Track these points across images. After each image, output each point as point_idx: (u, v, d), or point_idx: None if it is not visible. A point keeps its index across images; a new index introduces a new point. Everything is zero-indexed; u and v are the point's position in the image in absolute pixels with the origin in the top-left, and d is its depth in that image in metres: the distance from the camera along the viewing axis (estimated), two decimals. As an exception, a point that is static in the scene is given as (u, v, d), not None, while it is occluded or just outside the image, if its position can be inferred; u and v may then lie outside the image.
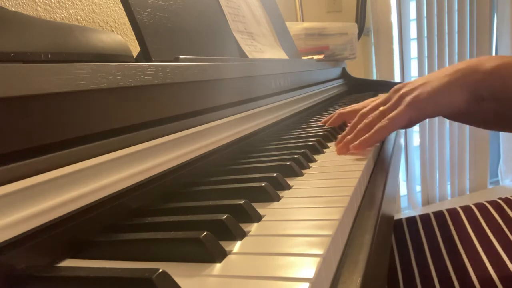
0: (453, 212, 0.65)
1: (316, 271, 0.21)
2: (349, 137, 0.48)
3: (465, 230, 0.59)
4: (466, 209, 0.64)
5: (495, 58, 0.42)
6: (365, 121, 0.46)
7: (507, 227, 0.57)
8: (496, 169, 2.34)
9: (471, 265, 0.53)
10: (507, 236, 0.55)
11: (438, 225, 0.63)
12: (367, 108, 0.50)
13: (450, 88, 0.42)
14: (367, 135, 0.43)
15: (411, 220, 0.66)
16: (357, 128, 0.47)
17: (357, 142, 0.43)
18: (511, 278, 0.49)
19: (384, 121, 0.43)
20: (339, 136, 0.51)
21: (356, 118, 0.50)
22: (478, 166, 2.22)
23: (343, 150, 0.47)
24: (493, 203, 0.64)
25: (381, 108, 0.46)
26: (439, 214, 0.65)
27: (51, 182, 0.25)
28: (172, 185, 0.38)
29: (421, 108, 0.42)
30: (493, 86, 0.41)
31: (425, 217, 0.66)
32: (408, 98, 0.43)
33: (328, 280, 0.23)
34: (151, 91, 0.37)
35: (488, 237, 0.56)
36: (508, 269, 0.50)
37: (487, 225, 0.59)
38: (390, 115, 0.43)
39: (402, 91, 0.45)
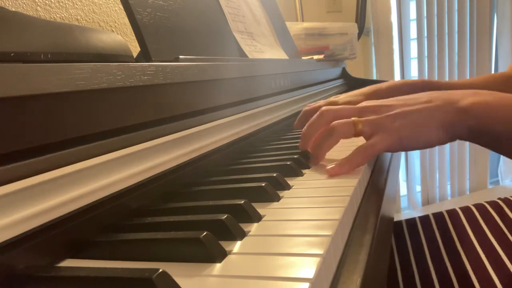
0: (452, 213, 0.65)
1: (316, 271, 0.21)
2: (315, 147, 0.46)
3: (464, 231, 0.59)
4: (466, 210, 0.64)
5: (470, 95, 0.42)
6: (332, 125, 0.44)
7: (506, 227, 0.57)
8: (496, 169, 2.35)
9: (471, 266, 0.53)
10: (507, 236, 0.55)
11: (438, 227, 0.63)
12: (332, 108, 0.47)
13: (429, 126, 0.41)
14: (347, 158, 0.41)
15: (410, 222, 0.66)
16: (323, 137, 0.45)
17: (334, 166, 0.41)
18: (511, 278, 0.49)
19: (367, 146, 0.41)
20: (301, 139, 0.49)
21: (317, 115, 0.47)
22: (478, 166, 2.22)
23: (303, 145, 0.48)
24: (493, 204, 0.64)
25: (354, 118, 0.44)
26: (438, 216, 0.65)
27: (51, 182, 0.25)
28: (172, 185, 0.38)
29: (401, 140, 0.41)
30: (469, 125, 0.41)
31: (424, 219, 0.66)
32: (390, 127, 0.42)
33: (328, 280, 0.23)
34: (151, 91, 0.37)
35: (488, 238, 0.56)
36: (508, 269, 0.50)
37: (487, 226, 0.59)
38: (373, 141, 0.41)
39: (380, 114, 0.43)
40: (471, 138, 0.42)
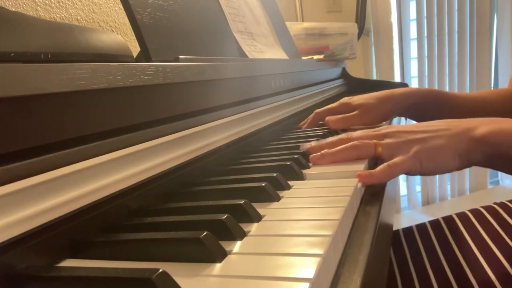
0: (448, 219, 0.65)
1: (316, 271, 0.21)
2: (329, 150, 0.46)
3: (462, 237, 0.59)
4: (462, 216, 0.64)
5: (488, 123, 0.43)
6: (355, 143, 0.45)
7: (503, 231, 0.57)
8: (496, 169, 2.34)
9: (471, 271, 0.53)
10: (505, 240, 0.55)
11: (435, 234, 0.63)
12: (355, 134, 0.48)
13: (446, 153, 0.43)
14: (374, 172, 0.41)
15: (407, 231, 0.67)
16: (342, 147, 0.45)
17: (368, 173, 0.41)
18: (511, 281, 0.49)
19: (393, 163, 0.42)
20: (313, 143, 0.49)
21: (336, 138, 0.48)
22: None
23: (319, 161, 0.46)
24: (488, 208, 0.64)
25: (375, 141, 0.45)
26: (435, 223, 0.65)
27: (51, 182, 0.25)
28: (172, 185, 0.38)
29: (421, 163, 0.43)
30: (485, 153, 0.42)
31: (421, 227, 0.66)
32: (411, 151, 0.43)
33: (328, 280, 0.23)
34: (151, 91, 0.37)
35: (486, 242, 0.56)
36: (508, 272, 0.50)
37: (484, 231, 0.59)
38: (399, 159, 0.42)
39: (400, 139, 0.44)
40: (487, 164, 0.44)
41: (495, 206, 0.64)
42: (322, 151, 0.46)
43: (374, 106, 0.67)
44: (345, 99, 0.70)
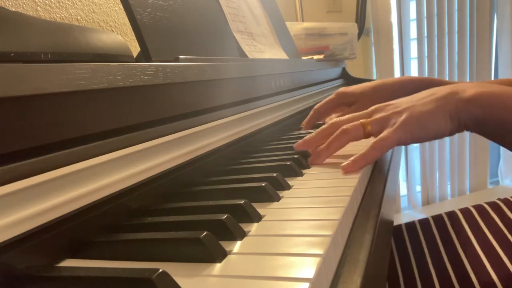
0: (452, 215, 0.65)
1: (316, 271, 0.21)
2: (322, 146, 0.46)
3: (464, 233, 0.59)
4: (465, 212, 0.64)
5: (475, 86, 0.43)
6: (343, 128, 0.45)
7: (506, 228, 0.57)
8: (496, 169, 2.34)
9: (472, 268, 0.53)
10: (507, 237, 0.55)
11: (438, 229, 0.62)
12: (342, 118, 0.48)
13: (435, 116, 0.42)
14: (362, 154, 0.41)
15: (410, 225, 0.66)
16: (332, 137, 0.45)
17: (349, 162, 0.41)
18: (511, 279, 0.49)
19: (378, 141, 0.42)
20: (305, 138, 0.49)
21: (327, 125, 0.48)
22: (478, 166, 2.22)
23: (316, 160, 0.46)
24: (492, 205, 0.64)
25: (362, 120, 0.45)
26: (438, 218, 0.65)
27: (51, 182, 0.25)
28: (172, 185, 0.38)
29: (410, 131, 0.42)
30: (474, 115, 0.41)
31: (424, 222, 0.66)
32: (398, 120, 0.43)
33: (328, 280, 0.23)
34: (151, 91, 0.37)
35: (488, 239, 0.56)
36: (508, 269, 0.50)
37: (487, 227, 0.58)
38: (383, 135, 0.42)
39: (389, 111, 0.45)
40: (478, 128, 0.42)
41: (499, 202, 0.64)
42: (317, 150, 0.46)
43: (370, 94, 0.66)
44: (341, 90, 0.69)
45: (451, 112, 0.42)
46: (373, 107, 0.47)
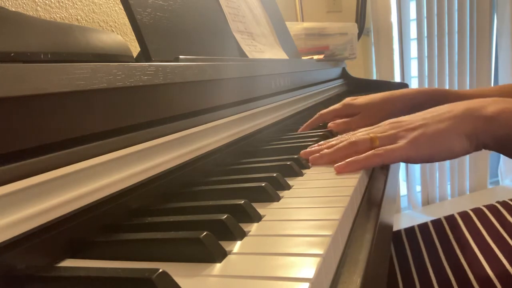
0: (450, 219, 0.65)
1: (316, 271, 0.21)
2: (327, 150, 0.45)
3: (464, 237, 0.59)
4: (464, 215, 0.64)
5: (497, 102, 0.40)
6: (351, 139, 0.44)
7: (505, 231, 0.57)
8: (496, 169, 2.34)
9: (472, 272, 0.53)
10: (506, 240, 0.55)
11: (437, 234, 0.62)
12: (355, 132, 0.47)
13: (450, 135, 0.40)
14: (358, 157, 0.41)
15: (409, 230, 0.67)
16: (339, 145, 0.44)
17: (345, 162, 0.40)
18: (511, 281, 0.49)
19: (380, 150, 0.40)
20: (313, 147, 0.48)
21: (334, 140, 0.47)
22: (478, 166, 2.22)
23: (318, 161, 0.45)
24: (491, 208, 0.64)
25: (372, 134, 0.44)
26: (437, 222, 0.65)
27: (51, 182, 0.25)
28: (172, 185, 0.38)
29: (420, 149, 0.40)
30: (495, 134, 0.39)
31: (423, 226, 0.66)
32: (409, 136, 0.41)
33: (328, 280, 0.23)
34: (151, 91, 0.37)
35: (487, 243, 0.56)
36: (508, 272, 0.50)
37: (486, 231, 0.58)
38: (390, 146, 0.41)
39: (399, 129, 0.43)
40: (498, 147, 0.40)
41: (497, 205, 0.64)
42: (321, 152, 0.45)
43: (376, 107, 0.66)
44: (348, 100, 0.69)
45: (468, 132, 0.39)
46: (386, 122, 0.46)
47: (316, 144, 0.49)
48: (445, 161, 0.42)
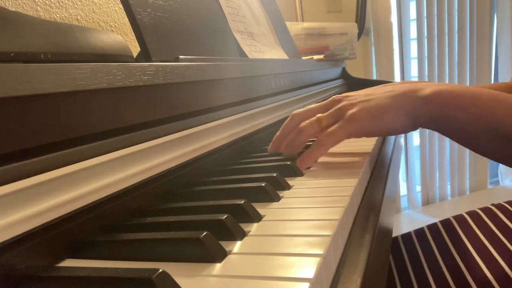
0: (446, 223, 0.65)
1: (316, 271, 0.21)
2: (285, 151, 0.48)
3: (460, 240, 0.59)
4: (460, 219, 0.64)
5: (434, 85, 0.42)
6: (299, 127, 0.46)
7: (501, 232, 0.57)
8: (496, 169, 2.35)
9: (470, 274, 0.53)
10: (502, 241, 0.55)
11: (433, 238, 0.63)
12: (301, 110, 0.49)
13: (390, 111, 0.42)
14: (307, 152, 0.43)
15: (406, 236, 0.67)
16: (290, 137, 0.47)
17: (299, 160, 0.43)
18: (509, 282, 0.49)
19: (322, 137, 0.43)
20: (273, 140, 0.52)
21: (288, 119, 0.50)
22: (478, 166, 2.22)
23: (273, 148, 0.50)
24: (486, 210, 0.64)
25: (319, 115, 0.46)
26: (433, 227, 0.65)
27: (51, 182, 0.25)
28: (172, 185, 0.38)
29: (360, 125, 0.43)
30: (431, 113, 0.41)
31: (419, 232, 0.66)
32: (348, 113, 0.43)
33: (328, 280, 0.23)
34: (151, 91, 0.37)
35: (484, 245, 0.56)
36: (506, 273, 0.50)
37: (482, 233, 0.59)
38: (330, 129, 0.43)
39: (343, 103, 0.45)
40: (435, 126, 0.42)
41: (492, 207, 0.64)
42: (282, 146, 0.49)
43: None
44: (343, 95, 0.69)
45: (408, 109, 0.42)
46: (330, 99, 0.48)
47: (275, 136, 0.51)
48: (389, 135, 0.45)
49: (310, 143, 0.46)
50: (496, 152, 0.39)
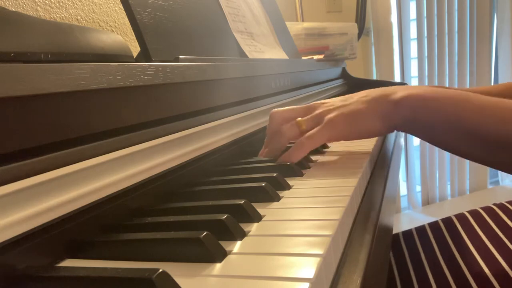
0: (447, 221, 0.65)
1: (316, 271, 0.21)
2: (263, 150, 0.50)
3: (461, 239, 0.59)
4: (461, 218, 0.64)
5: (406, 89, 0.44)
6: (279, 130, 0.48)
7: (502, 232, 0.57)
8: (496, 169, 2.34)
9: (470, 273, 0.53)
10: (503, 241, 0.55)
11: (434, 236, 0.63)
12: (280, 110, 0.51)
13: (365, 116, 0.44)
14: (288, 152, 0.45)
15: (407, 234, 0.67)
16: (271, 140, 0.49)
17: (278, 161, 0.45)
18: (510, 281, 0.49)
19: (302, 140, 0.44)
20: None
21: (269, 120, 0.51)
22: (478, 166, 2.22)
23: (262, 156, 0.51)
24: (487, 209, 0.64)
25: (299, 119, 0.47)
26: (434, 225, 0.65)
27: (51, 182, 0.25)
28: (172, 185, 0.38)
29: (338, 129, 0.45)
30: (403, 116, 0.43)
31: (421, 229, 0.66)
32: (326, 118, 0.45)
33: (328, 280, 0.23)
34: (151, 91, 0.37)
35: (485, 244, 0.56)
36: (507, 272, 0.50)
37: (483, 232, 0.59)
38: (310, 133, 0.45)
39: (322, 109, 0.47)
40: (408, 129, 0.44)
41: (494, 207, 0.64)
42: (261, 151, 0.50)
43: None
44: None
45: (382, 114, 0.44)
46: (309, 104, 0.50)
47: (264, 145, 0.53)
48: (367, 138, 0.48)
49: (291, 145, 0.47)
50: (474, 155, 0.41)
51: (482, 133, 0.38)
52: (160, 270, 0.20)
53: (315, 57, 1.19)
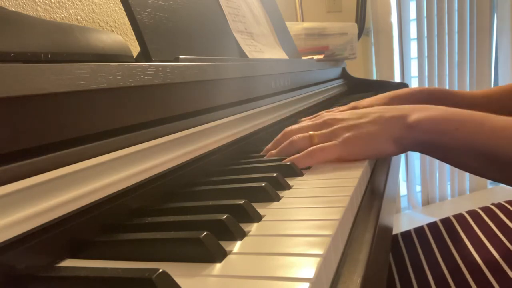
0: (446, 221, 0.65)
1: (316, 271, 0.21)
2: (273, 151, 0.50)
3: (460, 238, 0.59)
4: (459, 218, 0.64)
5: (421, 110, 0.44)
6: (292, 139, 0.48)
7: (501, 232, 0.57)
8: (496, 169, 2.34)
9: (469, 272, 0.53)
10: (502, 241, 0.55)
11: (433, 237, 0.63)
12: (293, 127, 0.51)
13: (379, 138, 0.44)
14: (297, 156, 0.45)
15: (406, 234, 0.67)
16: (282, 145, 0.49)
17: (285, 160, 0.44)
18: (509, 282, 0.49)
19: (315, 149, 0.44)
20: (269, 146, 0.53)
21: (280, 135, 0.51)
22: (478, 166, 2.21)
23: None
24: (486, 210, 0.64)
25: (311, 132, 0.47)
26: (433, 226, 0.65)
27: (51, 182, 0.25)
28: (172, 185, 0.38)
29: (351, 149, 0.44)
30: (416, 139, 0.42)
31: (419, 230, 0.66)
32: (342, 137, 0.45)
33: (328, 280, 0.23)
34: (151, 91, 0.37)
35: (484, 244, 0.56)
36: (506, 273, 0.50)
37: (482, 232, 0.59)
38: (324, 145, 0.45)
39: (337, 126, 0.47)
40: (422, 150, 0.44)
41: (492, 207, 0.64)
42: (268, 153, 0.50)
43: (387, 104, 0.67)
44: (353, 103, 0.71)
45: (396, 136, 0.43)
46: (323, 120, 0.49)
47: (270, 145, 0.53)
48: (379, 158, 0.49)
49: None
50: (490, 175, 0.40)
51: (498, 155, 0.38)
52: (160, 270, 0.20)
53: (315, 57, 1.19)
